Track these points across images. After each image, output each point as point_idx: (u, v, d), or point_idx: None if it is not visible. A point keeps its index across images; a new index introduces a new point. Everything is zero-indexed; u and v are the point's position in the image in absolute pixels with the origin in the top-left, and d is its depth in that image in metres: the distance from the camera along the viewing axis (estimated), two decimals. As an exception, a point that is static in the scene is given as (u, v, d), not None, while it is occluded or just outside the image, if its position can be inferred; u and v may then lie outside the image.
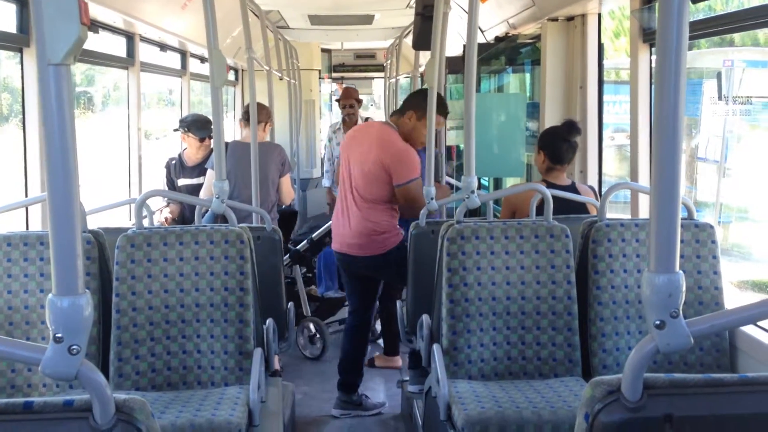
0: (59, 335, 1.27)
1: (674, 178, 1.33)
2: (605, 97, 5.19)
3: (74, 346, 1.28)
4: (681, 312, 1.34)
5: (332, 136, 7.58)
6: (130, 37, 5.20)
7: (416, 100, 4.32)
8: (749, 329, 2.95)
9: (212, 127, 5.14)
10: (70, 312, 1.28)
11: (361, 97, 8.03)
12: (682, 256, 1.35)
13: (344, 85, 13.13)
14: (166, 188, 5.11)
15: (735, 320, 1.41)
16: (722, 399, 1.36)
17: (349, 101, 7.45)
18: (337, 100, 7.90)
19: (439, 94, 4.21)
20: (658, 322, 1.34)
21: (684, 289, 1.35)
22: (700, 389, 1.36)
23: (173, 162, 5.23)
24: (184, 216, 5.06)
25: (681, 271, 1.34)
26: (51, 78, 1.25)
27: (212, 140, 5.14)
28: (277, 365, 3.79)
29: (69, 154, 1.27)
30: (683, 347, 1.35)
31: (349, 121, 7.39)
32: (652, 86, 3.98)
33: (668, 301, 1.33)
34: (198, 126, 5.08)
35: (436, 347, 3.08)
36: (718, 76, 6.06)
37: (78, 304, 1.29)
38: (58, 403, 1.31)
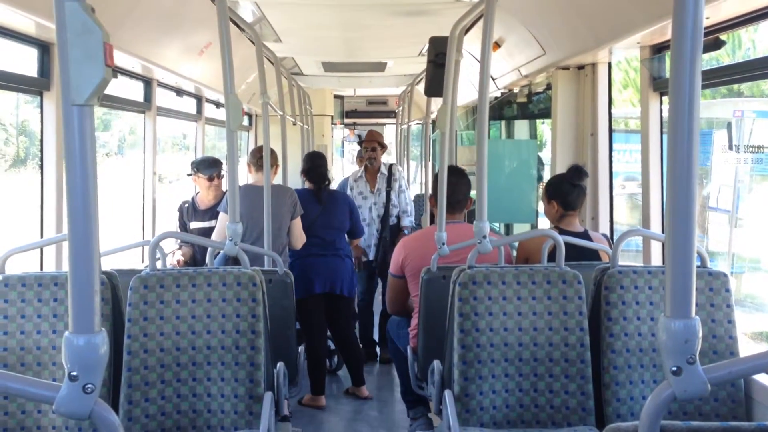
0: (74, 373, 1.28)
1: (689, 223, 1.34)
2: (616, 146, 5.22)
3: (89, 385, 1.28)
4: (698, 358, 1.33)
5: (353, 185, 6.79)
6: (147, 82, 5.30)
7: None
8: (765, 379, 2.91)
9: (222, 167, 5.24)
10: (85, 350, 1.29)
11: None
12: (696, 305, 1.34)
13: (357, 130, 13.28)
14: (179, 231, 5.15)
15: (753, 367, 1.39)
16: None
17: (372, 144, 6.81)
18: (359, 143, 7.33)
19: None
20: (674, 369, 1.33)
21: (700, 335, 1.34)
22: None
23: (186, 205, 5.28)
24: (196, 259, 5.09)
25: (697, 317, 1.34)
26: (75, 118, 1.28)
27: (222, 180, 5.22)
28: (286, 410, 3.76)
29: (90, 194, 1.29)
30: (701, 394, 1.33)
31: (371, 167, 6.74)
32: (663, 134, 4.01)
33: (685, 347, 1.32)
34: (206, 165, 5.17)
35: (447, 393, 3.05)
36: (729, 126, 6.10)
37: (94, 343, 1.29)
38: None
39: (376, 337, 6.49)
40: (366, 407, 5.36)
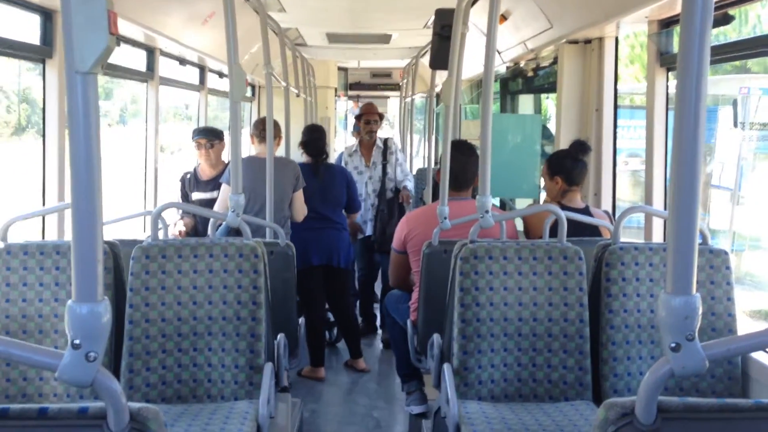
0: (77, 341, 1.28)
1: (693, 200, 1.33)
2: (620, 122, 5.19)
3: (92, 353, 1.29)
4: (697, 335, 1.33)
5: (347, 160, 6.53)
6: (150, 51, 5.27)
7: None
8: (762, 357, 2.93)
9: (222, 136, 5.24)
10: (88, 319, 1.29)
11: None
12: (696, 282, 1.34)
13: (360, 102, 13.17)
14: (181, 201, 5.16)
15: (751, 345, 1.40)
16: (736, 424, 1.35)
17: (373, 116, 6.53)
18: (356, 117, 6.92)
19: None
20: (673, 345, 1.33)
21: (700, 312, 1.34)
22: (715, 414, 1.35)
23: (188, 176, 5.28)
24: (197, 230, 5.10)
25: (698, 294, 1.34)
26: (78, 86, 1.27)
27: (220, 150, 5.21)
28: (286, 381, 3.79)
29: (93, 162, 1.29)
30: (699, 370, 1.34)
31: (368, 140, 6.49)
32: (669, 110, 3.98)
33: (684, 324, 1.32)
34: (205, 131, 5.19)
35: (446, 367, 3.07)
36: (734, 103, 6.05)
37: (97, 311, 1.30)
38: (73, 410, 1.32)
39: (377, 312, 6.52)
40: (364, 380, 5.40)
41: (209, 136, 5.17)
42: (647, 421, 1.33)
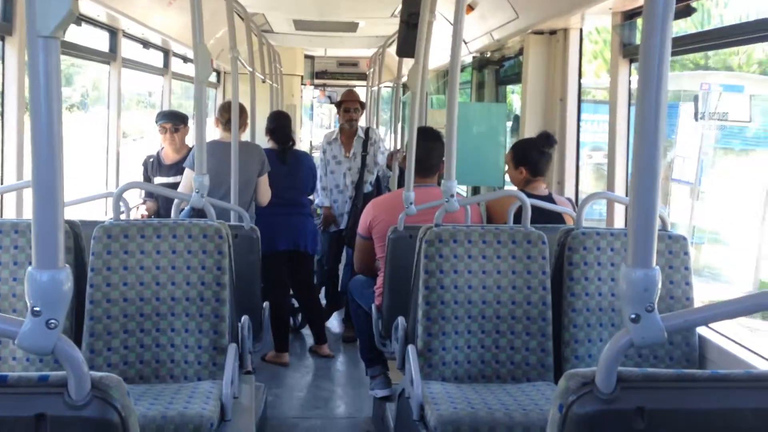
0: (37, 308, 1.26)
1: (653, 179, 1.36)
2: (584, 116, 5.25)
3: (52, 320, 1.27)
4: (656, 307, 1.36)
5: (326, 148, 6.25)
6: (113, 33, 5.18)
7: None
8: (718, 340, 3.01)
9: (186, 121, 5.18)
10: (49, 286, 1.27)
11: None
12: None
13: (327, 91, 13.09)
14: None
15: (707, 316, 1.44)
16: (693, 394, 1.39)
17: (353, 104, 6.24)
18: (336, 104, 6.60)
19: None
20: (633, 316, 1.36)
21: (660, 285, 1.37)
22: (673, 383, 1.38)
23: (151, 159, 5.22)
24: (160, 214, 5.04)
25: (657, 267, 1.37)
26: (40, 50, 1.25)
27: (186, 133, 5.16)
28: (250, 365, 3.77)
29: (54, 127, 1.27)
30: (657, 341, 1.37)
31: (348, 129, 6.22)
32: (632, 104, 4.05)
33: (644, 296, 1.35)
34: (170, 115, 5.16)
35: (410, 348, 3.09)
36: (695, 99, 6.16)
37: (58, 279, 1.28)
38: (33, 377, 1.30)
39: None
40: (329, 365, 5.41)
41: (174, 120, 5.11)
42: (607, 390, 1.36)
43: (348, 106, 6.24)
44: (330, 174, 6.16)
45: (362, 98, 6.91)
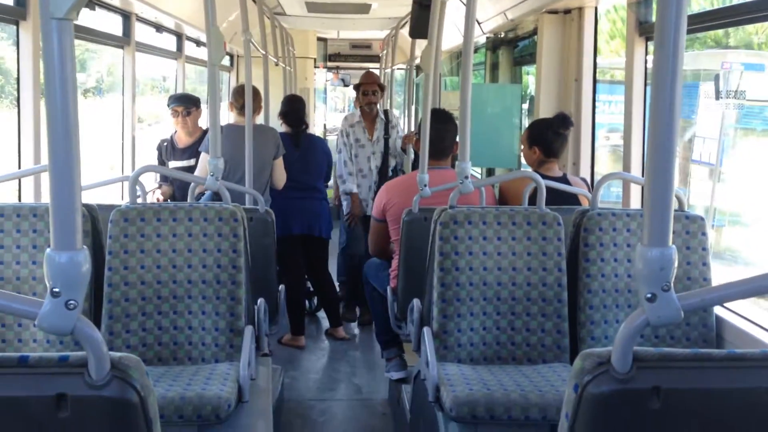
0: (57, 290, 1.28)
1: (669, 157, 1.35)
2: (601, 97, 5.19)
3: (71, 301, 1.28)
4: (672, 286, 1.35)
5: (348, 131, 5.97)
6: (126, 16, 5.18)
7: None
8: (735, 320, 2.99)
9: (198, 101, 5.19)
10: (68, 267, 1.28)
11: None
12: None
13: (340, 74, 13.01)
14: None
15: (725, 295, 1.43)
16: (709, 373, 1.38)
17: (372, 87, 5.96)
18: (354, 87, 6.37)
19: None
20: (649, 295, 1.35)
21: (676, 264, 1.37)
22: (689, 363, 1.38)
23: (165, 144, 5.24)
24: (176, 198, 5.07)
25: (673, 246, 1.36)
26: (54, 32, 1.25)
27: (199, 116, 5.17)
28: (266, 347, 3.80)
29: (69, 110, 1.27)
30: (674, 320, 1.36)
31: (369, 112, 5.98)
32: (647, 80, 4.01)
33: (660, 275, 1.35)
34: (182, 98, 5.15)
35: (426, 330, 3.10)
36: (716, 78, 6.05)
37: (76, 260, 1.29)
38: (54, 358, 1.31)
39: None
40: (345, 347, 5.44)
41: (186, 103, 5.12)
42: (623, 370, 1.35)
43: (367, 88, 6.00)
44: (354, 158, 5.93)
45: None
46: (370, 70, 6.45)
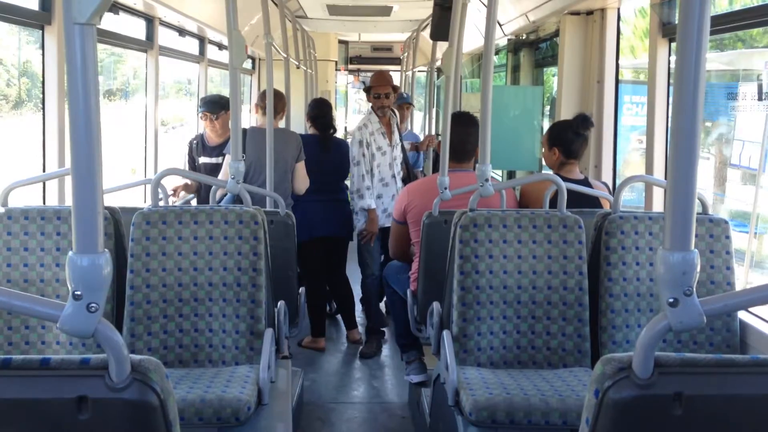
0: (78, 292, 1.29)
1: (692, 160, 1.33)
2: (634, 98, 5.12)
3: (93, 304, 1.29)
4: (695, 290, 1.34)
5: (369, 140, 5.34)
6: (149, 20, 5.23)
7: None
8: (759, 324, 2.95)
9: (227, 104, 5.23)
10: (89, 270, 1.30)
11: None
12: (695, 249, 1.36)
13: (361, 77, 13.01)
14: (187, 166, 5.26)
15: (748, 300, 1.40)
16: (733, 379, 1.36)
17: (384, 89, 5.44)
18: (365, 90, 5.78)
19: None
20: (671, 300, 1.34)
21: (698, 268, 1.35)
22: (711, 369, 1.36)
23: (195, 141, 5.33)
24: (200, 193, 5.16)
25: (695, 250, 1.35)
26: (77, 37, 1.26)
27: (228, 118, 5.22)
28: (286, 349, 3.81)
29: (92, 113, 1.28)
30: (696, 325, 1.34)
31: (382, 116, 5.45)
32: (670, 81, 3.97)
33: (682, 279, 1.33)
34: (206, 103, 5.24)
35: (446, 334, 3.09)
36: (759, 78, 5.83)
37: (98, 263, 1.30)
38: (75, 360, 1.33)
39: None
40: (365, 350, 5.42)
41: (213, 109, 5.17)
42: (644, 375, 1.34)
43: (378, 91, 5.45)
44: (376, 168, 5.38)
45: (397, 83, 6.56)
46: (382, 70, 5.91)
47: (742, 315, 3.05)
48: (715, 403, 1.36)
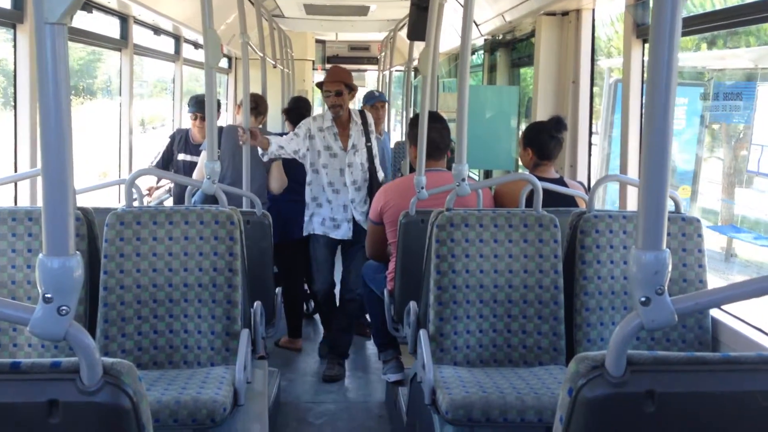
0: (49, 295, 1.27)
1: (664, 161, 1.35)
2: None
3: (63, 307, 1.27)
4: (666, 289, 1.35)
5: (317, 135, 4.73)
6: (124, 19, 5.18)
7: None
8: (731, 322, 2.99)
9: (217, 105, 5.22)
10: (60, 272, 1.28)
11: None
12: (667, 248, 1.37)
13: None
14: (160, 157, 5.32)
15: (719, 298, 1.42)
16: (704, 377, 1.38)
17: (336, 86, 4.68)
18: (318, 85, 4.93)
19: None
20: (643, 299, 1.35)
21: (670, 267, 1.36)
22: (683, 367, 1.38)
23: (180, 135, 5.33)
24: (175, 191, 5.18)
25: (667, 249, 1.36)
26: (47, 37, 1.25)
27: (217, 118, 5.21)
28: (263, 350, 3.80)
29: (63, 113, 1.27)
30: (668, 324, 1.36)
31: (335, 116, 4.74)
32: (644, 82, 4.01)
33: (654, 278, 1.34)
34: (198, 104, 5.25)
35: (422, 333, 3.10)
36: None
37: (68, 265, 1.29)
38: (46, 364, 1.31)
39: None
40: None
41: (203, 110, 5.14)
42: (617, 374, 1.35)
43: (328, 88, 4.70)
44: (322, 169, 4.75)
45: (374, 83, 6.47)
46: (337, 66, 5.25)
47: (714, 312, 3.09)
48: (687, 401, 1.37)
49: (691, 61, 4.34)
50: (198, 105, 5.24)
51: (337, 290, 5.12)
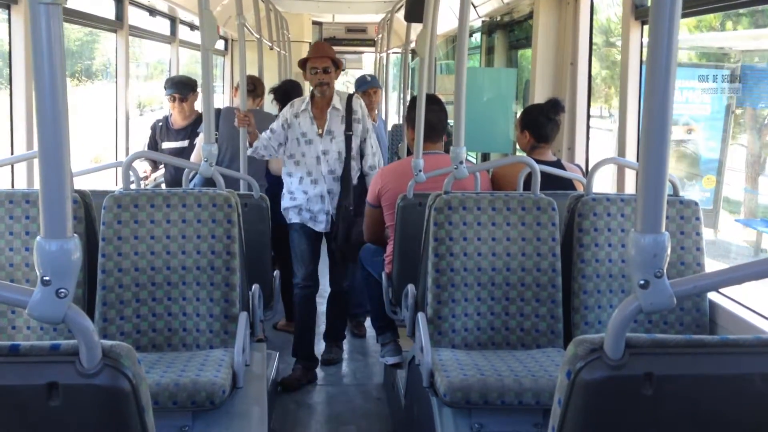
0: (47, 278, 1.27)
1: (663, 144, 1.34)
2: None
3: (62, 290, 1.27)
4: (665, 272, 1.35)
5: (292, 121, 4.40)
6: (119, 0, 5.14)
7: None
8: (728, 304, 3.00)
9: (195, 85, 5.17)
10: (58, 255, 1.28)
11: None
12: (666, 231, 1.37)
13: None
14: (149, 148, 5.19)
15: (717, 281, 1.42)
16: (702, 359, 1.38)
17: (323, 62, 4.35)
18: (301, 64, 4.52)
19: None
20: (642, 282, 1.35)
21: (669, 250, 1.36)
22: (681, 349, 1.38)
23: (159, 124, 5.24)
24: (166, 178, 5.10)
25: (666, 232, 1.36)
26: (42, 17, 1.23)
27: (195, 99, 5.16)
28: (261, 332, 3.80)
29: (58, 94, 1.26)
30: (666, 307, 1.36)
31: (320, 97, 4.40)
32: (643, 65, 3.99)
33: (653, 261, 1.34)
34: (176, 85, 5.12)
35: (420, 316, 3.10)
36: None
37: (66, 248, 1.28)
38: (45, 346, 1.31)
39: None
40: (340, 332, 5.42)
41: (181, 91, 5.10)
42: (615, 357, 1.35)
43: (315, 65, 4.36)
44: (301, 158, 4.43)
45: (371, 65, 6.47)
46: (320, 41, 5.18)
47: (711, 295, 3.10)
48: (685, 383, 1.38)
49: (716, 41, 4.17)
50: (174, 86, 5.11)
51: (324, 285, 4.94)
